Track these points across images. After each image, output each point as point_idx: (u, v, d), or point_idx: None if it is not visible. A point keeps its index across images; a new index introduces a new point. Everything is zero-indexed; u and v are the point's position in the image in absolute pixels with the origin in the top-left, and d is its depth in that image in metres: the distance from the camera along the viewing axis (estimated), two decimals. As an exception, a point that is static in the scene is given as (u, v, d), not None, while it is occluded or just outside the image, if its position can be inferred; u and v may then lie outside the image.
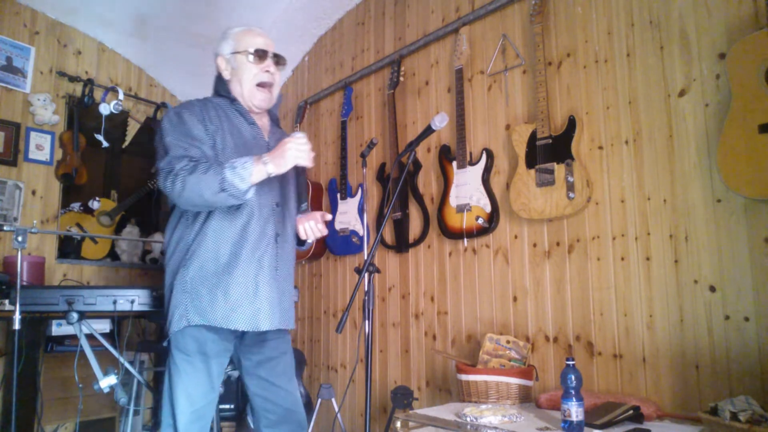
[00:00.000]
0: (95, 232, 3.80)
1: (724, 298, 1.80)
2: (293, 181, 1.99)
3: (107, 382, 2.21)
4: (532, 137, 2.30)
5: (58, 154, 3.62)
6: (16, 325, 2.08)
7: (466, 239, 2.60)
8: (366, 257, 1.65)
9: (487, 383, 2.10)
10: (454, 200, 2.63)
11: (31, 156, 3.49)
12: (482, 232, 2.51)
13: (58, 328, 2.75)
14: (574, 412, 1.60)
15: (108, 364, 2.31)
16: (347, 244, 3.25)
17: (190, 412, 1.70)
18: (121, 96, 3.86)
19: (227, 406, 3.18)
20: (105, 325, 2.63)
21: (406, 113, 3.07)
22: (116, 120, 3.96)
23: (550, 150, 2.22)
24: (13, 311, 2.09)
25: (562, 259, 2.25)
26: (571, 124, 2.20)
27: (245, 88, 1.85)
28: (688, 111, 1.94)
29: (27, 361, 2.48)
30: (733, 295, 1.78)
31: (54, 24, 3.67)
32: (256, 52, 1.84)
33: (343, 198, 3.31)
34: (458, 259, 2.67)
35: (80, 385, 2.52)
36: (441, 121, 1.74)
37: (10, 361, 2.74)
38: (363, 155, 2.31)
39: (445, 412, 1.98)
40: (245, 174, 1.62)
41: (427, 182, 2.88)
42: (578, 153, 2.18)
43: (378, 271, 1.73)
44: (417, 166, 2.92)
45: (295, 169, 1.70)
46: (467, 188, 2.57)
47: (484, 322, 2.51)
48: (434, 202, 2.81)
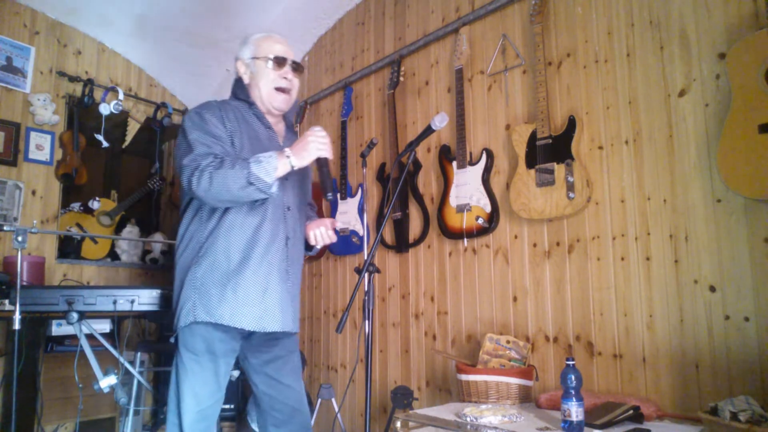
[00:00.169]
0: (95, 232, 3.80)
1: (724, 298, 1.80)
2: (309, 182, 2.04)
3: (107, 382, 2.21)
4: (532, 137, 2.30)
5: (58, 154, 3.62)
6: (16, 325, 2.09)
7: (466, 239, 2.60)
8: (366, 257, 1.65)
9: (487, 383, 2.10)
10: (454, 200, 2.63)
11: (31, 156, 3.49)
12: (482, 232, 2.51)
13: (58, 328, 2.76)
14: (574, 412, 1.60)
15: (108, 364, 2.31)
16: (347, 244, 3.25)
17: (196, 412, 1.71)
18: (121, 96, 3.86)
19: (227, 406, 3.18)
20: (105, 325, 2.64)
21: (406, 113, 3.07)
22: (116, 120, 3.96)
23: (550, 150, 2.22)
24: (13, 311, 2.09)
25: (562, 259, 2.25)
26: (571, 124, 2.20)
27: (264, 92, 1.88)
28: (688, 111, 1.94)
29: (27, 361, 2.48)
30: (733, 295, 1.78)
31: (54, 24, 3.67)
32: (275, 59, 1.87)
33: (343, 198, 3.31)
34: (458, 259, 2.67)
35: (80, 385, 2.52)
36: (441, 121, 1.74)
37: (10, 361, 2.75)
38: (363, 155, 2.31)
39: (445, 412, 1.98)
40: (270, 168, 1.65)
41: (427, 182, 2.88)
42: (578, 153, 2.18)
43: (378, 271, 1.73)
44: (417, 166, 2.92)
45: (317, 161, 1.72)
46: (467, 188, 2.57)
47: (484, 322, 2.51)
48: (434, 202, 2.81)
